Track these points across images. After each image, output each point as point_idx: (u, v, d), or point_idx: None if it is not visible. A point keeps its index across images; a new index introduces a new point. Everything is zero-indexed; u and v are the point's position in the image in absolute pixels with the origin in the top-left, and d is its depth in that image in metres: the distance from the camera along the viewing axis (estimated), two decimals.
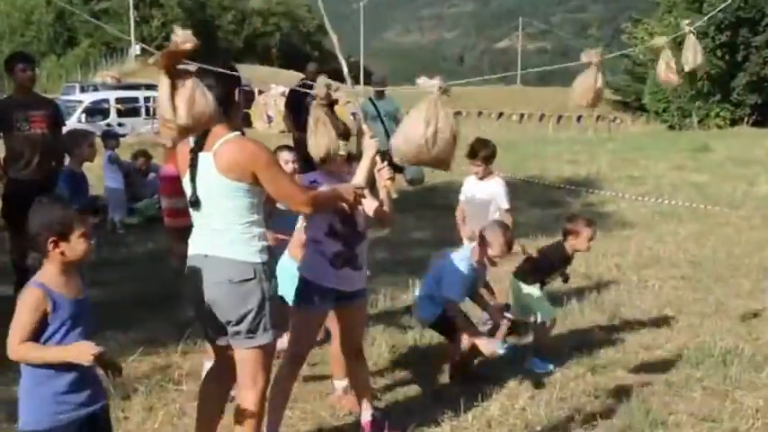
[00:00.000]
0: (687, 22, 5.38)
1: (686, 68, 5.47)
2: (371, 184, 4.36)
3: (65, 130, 7.70)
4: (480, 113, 28.60)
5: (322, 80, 4.06)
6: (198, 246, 3.80)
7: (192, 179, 3.74)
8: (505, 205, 6.59)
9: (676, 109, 44.46)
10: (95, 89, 32.80)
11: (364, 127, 4.48)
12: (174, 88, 3.39)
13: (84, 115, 26.31)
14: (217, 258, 3.70)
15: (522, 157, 19.75)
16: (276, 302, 3.83)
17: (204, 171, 3.69)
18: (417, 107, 4.12)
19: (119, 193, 11.04)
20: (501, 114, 30.26)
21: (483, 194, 6.66)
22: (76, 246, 3.12)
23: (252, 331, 3.72)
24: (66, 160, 7.17)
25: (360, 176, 4.25)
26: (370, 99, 11.51)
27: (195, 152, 3.73)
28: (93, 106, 27.22)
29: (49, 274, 3.13)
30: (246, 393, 3.82)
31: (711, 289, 7.91)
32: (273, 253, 3.91)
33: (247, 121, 27.94)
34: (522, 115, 31.45)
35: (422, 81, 4.10)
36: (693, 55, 5.44)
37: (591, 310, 7.15)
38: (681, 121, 43.59)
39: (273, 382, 4.32)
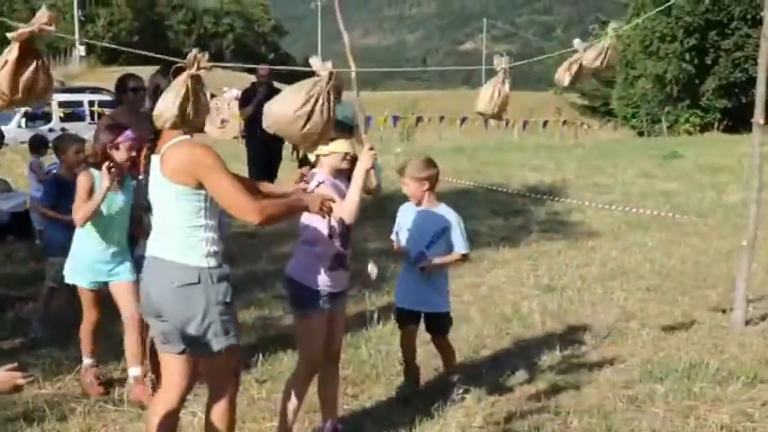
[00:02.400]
0: (614, 27, 5.34)
1: (584, 63, 5.36)
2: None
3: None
4: (442, 118, 28.70)
5: (196, 53, 3.99)
6: (149, 248, 3.90)
7: (146, 183, 3.86)
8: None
9: (645, 114, 45.04)
10: None
11: (363, 137, 4.51)
12: (20, 63, 3.48)
13: (23, 120, 25.95)
14: (163, 261, 3.78)
15: (485, 163, 19.88)
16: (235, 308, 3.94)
17: (153, 174, 3.79)
18: (304, 83, 4.17)
19: None
20: (464, 119, 30.36)
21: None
22: None
23: (202, 337, 3.76)
24: None
25: (354, 189, 4.34)
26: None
27: (148, 155, 3.84)
28: (34, 110, 26.83)
29: None
30: (216, 396, 3.92)
31: (678, 301, 8.00)
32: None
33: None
34: (486, 120, 31.60)
35: (314, 62, 4.16)
36: (597, 56, 5.34)
37: (553, 323, 7.20)
38: (650, 126, 44.13)
39: (285, 389, 4.62)
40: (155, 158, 3.81)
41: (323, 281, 4.48)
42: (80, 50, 63.66)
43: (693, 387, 5.64)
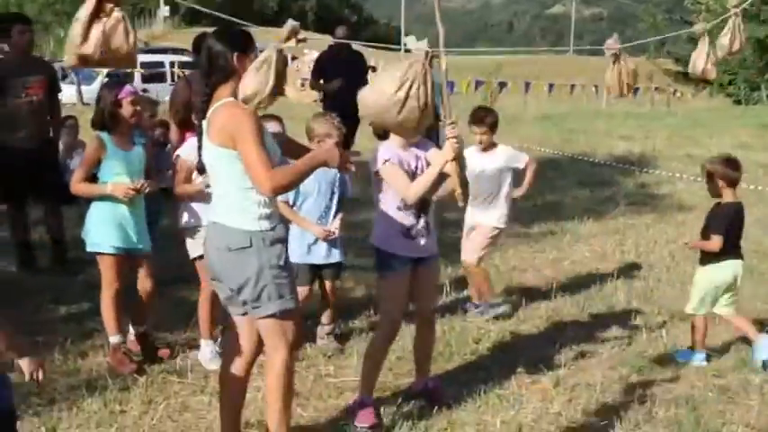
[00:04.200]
0: (734, 3, 5.09)
1: (720, 55, 5.22)
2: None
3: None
4: (528, 85, 28.07)
5: (290, 23, 3.87)
6: (209, 212, 4.03)
7: (199, 145, 3.88)
8: (525, 159, 6.66)
9: (743, 81, 43.37)
10: None
11: (448, 128, 4.14)
12: (96, 16, 3.50)
13: (106, 80, 26.27)
14: (218, 225, 3.84)
15: (571, 132, 19.37)
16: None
17: (204, 137, 3.82)
18: (397, 66, 4.08)
19: None
20: (552, 86, 29.69)
21: (494, 165, 6.50)
22: None
23: (256, 300, 3.79)
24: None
25: (425, 178, 4.33)
26: None
27: (200, 118, 3.86)
28: (116, 71, 27.12)
29: None
30: (270, 360, 3.94)
31: None
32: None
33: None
34: (572, 86, 30.81)
35: (410, 42, 4.10)
36: (731, 41, 5.18)
37: (639, 303, 6.89)
38: (748, 94, 42.47)
39: (366, 349, 4.76)
40: (204, 122, 3.84)
41: (399, 248, 4.56)
42: (164, 11, 64.31)
43: None
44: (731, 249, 5.66)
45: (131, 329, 5.63)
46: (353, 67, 10.14)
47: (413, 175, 4.45)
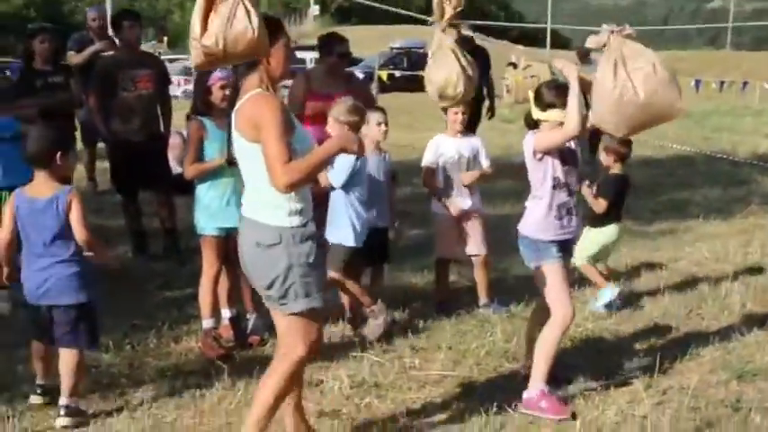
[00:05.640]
0: None
1: None
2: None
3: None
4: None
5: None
6: (242, 206, 3.91)
7: (229, 137, 3.92)
8: (486, 163, 6.44)
9: None
10: None
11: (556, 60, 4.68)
12: (212, 2, 3.23)
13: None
14: (249, 220, 3.79)
15: (714, 130, 18.57)
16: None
17: (233, 130, 3.74)
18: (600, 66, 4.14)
19: None
20: (698, 82, 28.50)
21: (467, 151, 6.34)
22: None
23: (283, 297, 3.72)
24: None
25: (573, 100, 4.35)
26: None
27: (229, 110, 3.85)
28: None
29: None
30: (283, 356, 3.82)
31: None
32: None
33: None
34: (722, 83, 29.42)
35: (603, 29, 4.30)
36: None
37: (754, 306, 6.48)
38: None
39: (539, 341, 4.70)
40: (233, 114, 3.75)
41: (552, 232, 4.68)
42: (314, 9, 65.57)
43: None
44: (615, 214, 6.56)
45: (227, 313, 5.72)
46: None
47: None
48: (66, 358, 4.43)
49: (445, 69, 4.56)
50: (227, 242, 5.41)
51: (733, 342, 5.71)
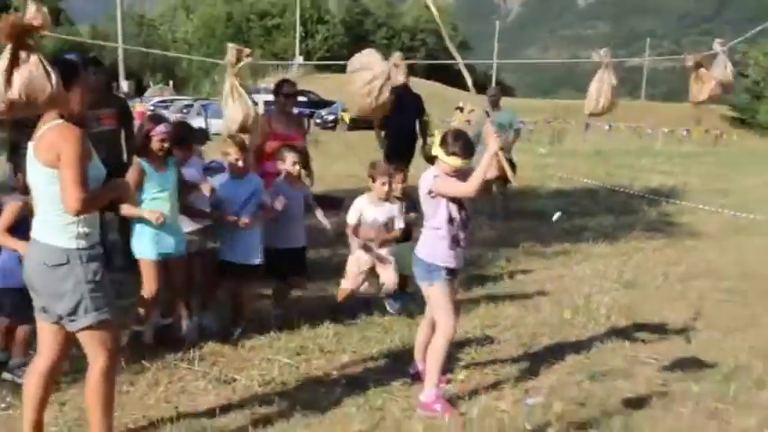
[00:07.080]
0: (720, 41, 5.08)
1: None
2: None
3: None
4: (588, 125, 27.32)
5: (232, 46, 3.73)
6: (32, 229, 3.65)
7: (24, 165, 3.61)
8: (400, 226, 6.28)
9: None
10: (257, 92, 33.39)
11: (487, 124, 4.62)
12: (15, 61, 3.20)
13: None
14: (37, 242, 3.57)
15: (618, 167, 18.70)
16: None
17: (29, 157, 3.54)
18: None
19: None
20: (609, 126, 28.77)
21: (383, 217, 6.21)
22: None
23: (72, 314, 3.53)
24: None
25: (478, 173, 4.25)
26: (486, 111, 11.03)
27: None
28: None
29: None
30: (91, 367, 3.66)
31: (752, 304, 7.04)
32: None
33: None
34: (633, 127, 29.76)
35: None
36: (722, 71, 5.07)
37: (618, 318, 6.46)
38: None
39: (429, 349, 4.58)
40: (31, 143, 3.52)
41: (442, 258, 4.51)
42: (299, 59, 65.69)
43: (728, 389, 4.86)
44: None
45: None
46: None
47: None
48: None
49: (243, 108, 4.57)
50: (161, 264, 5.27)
51: (593, 348, 5.69)
